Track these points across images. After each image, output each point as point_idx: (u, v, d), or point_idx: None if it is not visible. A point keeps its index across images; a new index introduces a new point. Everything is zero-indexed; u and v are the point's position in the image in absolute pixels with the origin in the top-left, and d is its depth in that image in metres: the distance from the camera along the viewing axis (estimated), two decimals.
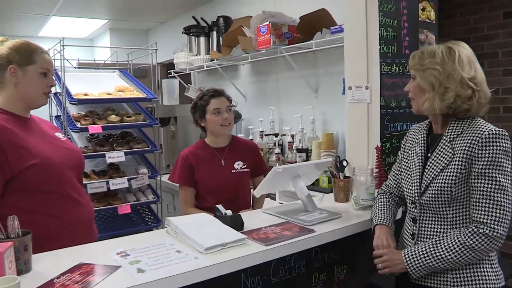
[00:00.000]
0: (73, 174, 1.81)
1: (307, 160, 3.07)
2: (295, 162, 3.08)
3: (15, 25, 5.64)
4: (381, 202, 1.84)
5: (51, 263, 1.44)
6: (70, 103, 3.02)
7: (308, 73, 3.43)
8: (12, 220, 1.37)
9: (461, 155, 1.50)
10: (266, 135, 3.64)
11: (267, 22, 3.21)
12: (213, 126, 2.31)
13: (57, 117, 3.42)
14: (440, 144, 1.59)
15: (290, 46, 3.23)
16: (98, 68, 3.84)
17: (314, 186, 2.74)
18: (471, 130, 1.52)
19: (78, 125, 2.94)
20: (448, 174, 1.52)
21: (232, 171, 2.35)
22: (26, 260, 1.37)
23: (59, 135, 1.91)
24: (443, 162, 1.55)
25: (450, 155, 1.53)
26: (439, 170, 1.55)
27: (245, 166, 2.38)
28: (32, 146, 1.67)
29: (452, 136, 1.56)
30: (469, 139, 1.50)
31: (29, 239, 1.37)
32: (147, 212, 3.41)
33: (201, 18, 4.49)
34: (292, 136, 3.33)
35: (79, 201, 1.80)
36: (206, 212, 2.15)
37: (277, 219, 1.93)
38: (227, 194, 2.29)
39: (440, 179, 1.53)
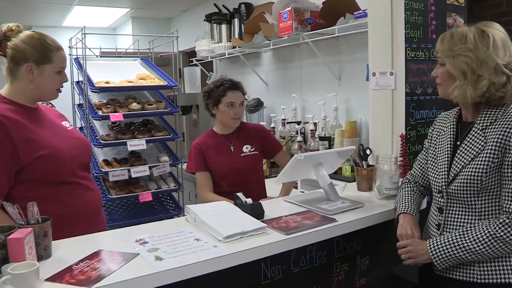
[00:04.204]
0: (81, 163, 1.81)
1: (329, 148, 3.03)
2: (318, 150, 3.03)
3: (39, 16, 5.70)
4: (405, 191, 1.79)
5: (70, 249, 1.44)
6: (92, 91, 3.04)
7: (331, 60, 3.36)
8: (32, 207, 1.38)
9: (494, 144, 1.43)
10: (288, 123, 3.60)
11: (289, 8, 3.15)
12: (224, 117, 2.38)
13: (79, 105, 3.44)
14: (471, 132, 1.51)
15: (313, 32, 3.16)
16: (120, 57, 3.85)
17: (337, 174, 2.71)
18: (506, 119, 1.44)
19: (100, 113, 2.96)
20: (479, 163, 1.45)
21: (241, 154, 2.39)
22: (46, 246, 1.37)
23: (66, 124, 1.91)
24: (474, 150, 1.48)
25: (482, 143, 1.46)
26: (469, 159, 1.48)
27: (253, 149, 2.42)
28: (40, 137, 1.67)
29: (484, 124, 1.48)
30: (503, 128, 1.43)
31: (48, 225, 1.38)
32: (168, 200, 3.43)
33: (223, 5, 4.45)
34: (315, 124, 3.28)
35: (87, 186, 1.81)
36: (221, 197, 2.22)
37: (298, 207, 1.89)
38: (238, 177, 2.33)
39: (470, 168, 1.47)
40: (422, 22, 2.24)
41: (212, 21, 4.47)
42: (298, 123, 3.53)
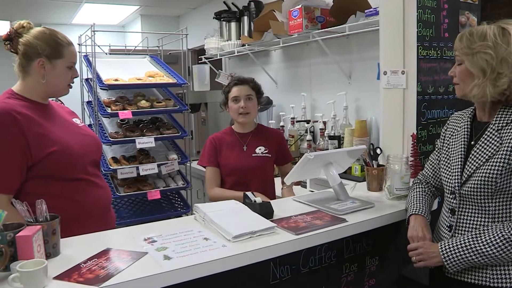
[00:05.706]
0: (91, 160, 1.82)
1: (339, 148, 3.01)
2: (327, 149, 3.01)
3: (49, 13, 5.72)
4: (417, 191, 1.76)
5: (79, 247, 1.43)
6: (101, 89, 3.03)
7: (341, 58, 3.33)
8: (41, 204, 1.38)
9: (510, 145, 1.40)
10: (297, 121, 3.58)
11: (299, 6, 3.13)
12: (232, 113, 2.40)
13: (88, 102, 3.45)
14: (486, 132, 1.49)
15: (323, 30, 3.14)
16: (129, 54, 3.85)
17: (346, 174, 2.69)
18: None
19: (109, 110, 2.96)
20: (494, 164, 1.42)
21: (253, 155, 2.40)
22: (55, 244, 1.37)
23: (77, 121, 1.92)
24: (489, 151, 1.45)
25: (497, 144, 1.44)
26: (484, 160, 1.45)
27: (267, 151, 2.41)
28: (52, 134, 1.68)
29: (500, 125, 1.46)
30: None
31: (57, 223, 1.38)
32: (176, 198, 3.42)
33: (232, 3, 4.44)
34: (324, 123, 3.26)
35: (97, 184, 1.81)
36: (226, 190, 2.28)
37: (308, 207, 1.88)
38: (244, 176, 2.34)
39: (484, 170, 1.44)
40: (435, 20, 2.22)
41: (222, 19, 4.46)
42: (308, 121, 3.51)
